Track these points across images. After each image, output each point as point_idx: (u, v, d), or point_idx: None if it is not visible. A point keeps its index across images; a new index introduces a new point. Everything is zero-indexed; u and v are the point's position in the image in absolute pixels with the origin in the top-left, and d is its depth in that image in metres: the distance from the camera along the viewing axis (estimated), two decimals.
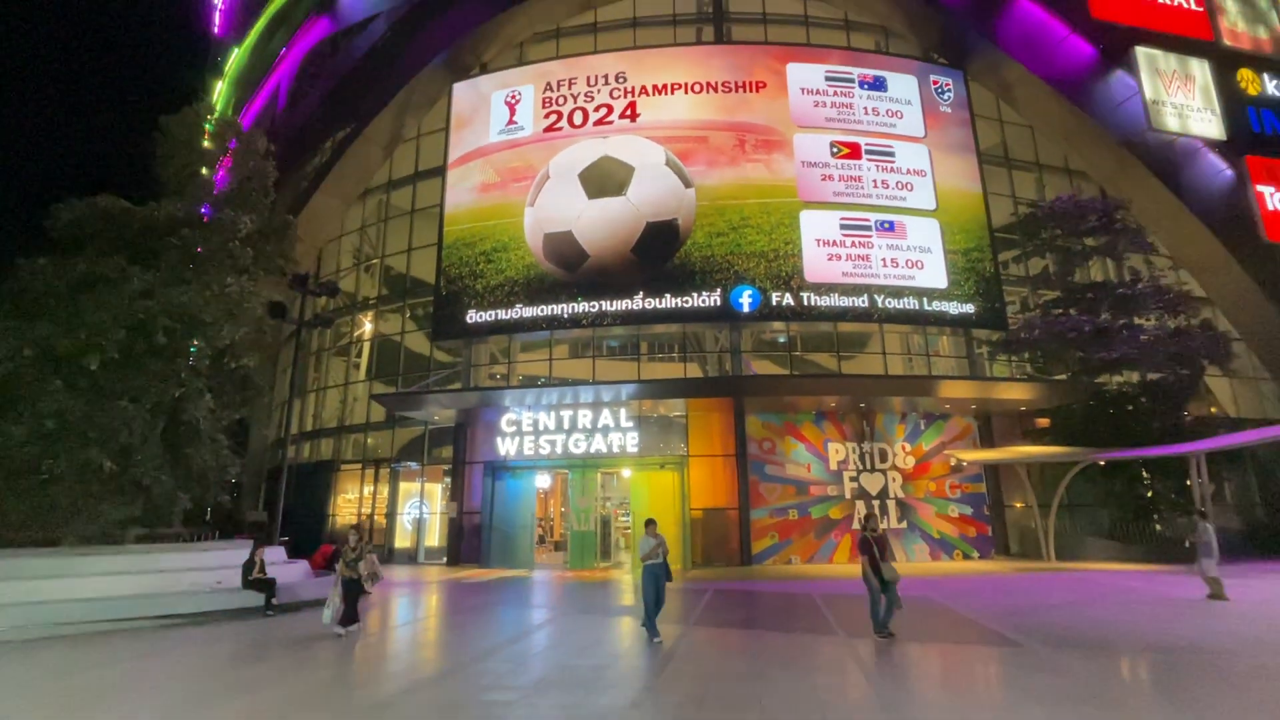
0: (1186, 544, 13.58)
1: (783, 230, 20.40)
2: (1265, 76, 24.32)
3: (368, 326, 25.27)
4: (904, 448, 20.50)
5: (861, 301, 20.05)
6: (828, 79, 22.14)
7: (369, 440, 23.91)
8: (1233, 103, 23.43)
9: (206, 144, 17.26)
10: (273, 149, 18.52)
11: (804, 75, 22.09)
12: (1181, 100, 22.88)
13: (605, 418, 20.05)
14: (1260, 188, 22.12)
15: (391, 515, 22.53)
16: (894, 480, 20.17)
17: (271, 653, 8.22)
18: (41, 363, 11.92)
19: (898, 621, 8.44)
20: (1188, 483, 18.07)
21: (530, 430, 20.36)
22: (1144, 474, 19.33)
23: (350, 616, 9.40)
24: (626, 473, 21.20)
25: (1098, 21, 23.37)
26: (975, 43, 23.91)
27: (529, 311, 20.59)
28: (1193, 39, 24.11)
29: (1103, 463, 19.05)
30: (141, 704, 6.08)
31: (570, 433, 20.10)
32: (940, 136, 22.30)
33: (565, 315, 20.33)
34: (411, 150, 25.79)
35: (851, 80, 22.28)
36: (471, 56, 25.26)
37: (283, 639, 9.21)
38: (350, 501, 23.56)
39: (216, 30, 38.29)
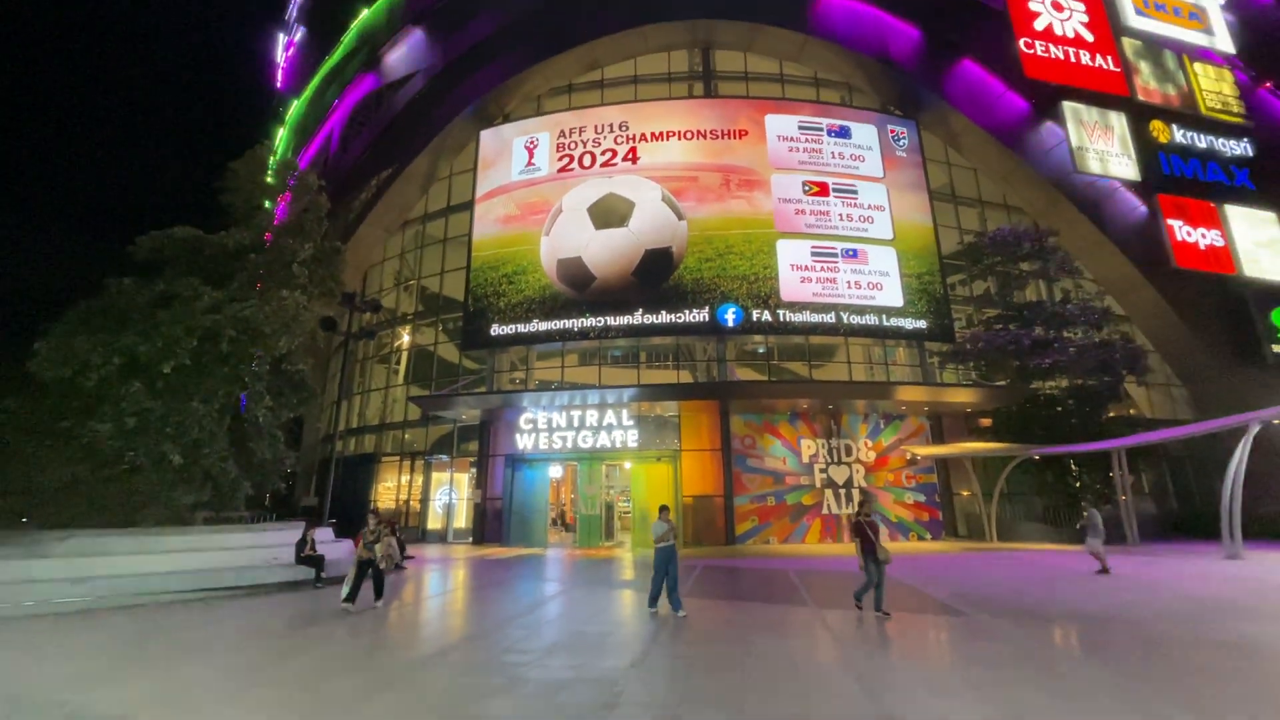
0: (1078, 526, 13.55)
1: (762, 257, 20.47)
2: (1174, 127, 24.46)
3: (405, 338, 25.27)
4: (866, 444, 20.48)
5: (829, 318, 20.08)
6: (800, 128, 22.28)
7: (406, 436, 23.86)
8: (1147, 149, 23.56)
9: (269, 181, 17.35)
10: (325, 186, 18.62)
11: (780, 124, 22.23)
12: (1102, 146, 23.02)
13: (609, 417, 20.06)
14: (1170, 221, 22.21)
15: (425, 501, 22.46)
16: (858, 472, 20.14)
17: (321, 620, 8.18)
18: (125, 368, 11.92)
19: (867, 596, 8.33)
20: (1110, 474, 18.08)
21: (544, 428, 20.36)
22: (1073, 467, 19.33)
23: (358, 594, 8.61)
24: (627, 465, 21.17)
25: (1030, 79, 23.54)
26: (926, 97, 24.07)
27: (544, 325, 20.61)
28: (1112, 94, 24.27)
29: (1037, 457, 19.06)
30: (212, 663, 6.06)
31: (579, 430, 20.10)
32: (897, 177, 22.41)
33: (575, 329, 20.35)
34: (444, 187, 25.90)
35: (821, 129, 22.42)
36: (496, 108, 25.44)
37: (331, 609, 9.17)
38: (389, 489, 23.48)
39: (279, 85, 38.51)
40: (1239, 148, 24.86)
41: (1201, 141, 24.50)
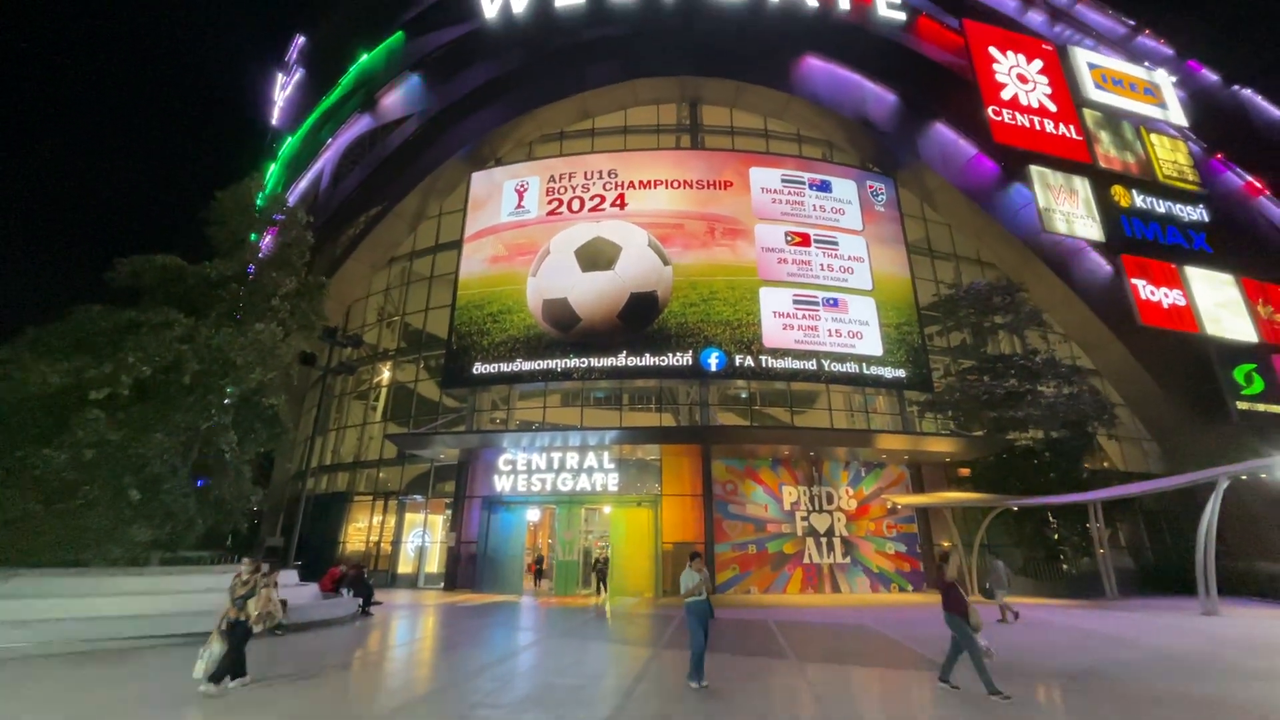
0: (987, 585, 13.68)
1: (745, 303, 20.87)
2: (1134, 192, 25.89)
3: (386, 374, 25.02)
4: (847, 492, 20.47)
5: (811, 365, 20.38)
6: (783, 181, 23.16)
7: (380, 474, 23.29)
8: (1109, 211, 24.82)
9: (257, 214, 17.43)
10: (312, 221, 18.75)
11: (764, 177, 23.09)
12: (1068, 208, 24.22)
13: (590, 459, 19.88)
14: (1134, 280, 23.21)
15: (397, 543, 21.73)
16: (839, 520, 20.04)
17: (279, 670, 7.78)
18: (78, 393, 11.51)
19: (852, 647, 8.02)
20: (1087, 527, 18.23)
21: (524, 469, 20.08)
22: (1051, 519, 19.47)
23: (231, 668, 6.52)
24: (607, 509, 20.82)
25: (999, 144, 24.90)
26: (902, 156, 25.28)
27: (527, 365, 20.58)
28: (1075, 160, 25.72)
29: (1015, 508, 19.17)
30: None
31: (559, 472, 19.85)
32: (875, 230, 23.24)
33: (559, 369, 20.35)
34: (433, 226, 26.21)
35: (803, 182, 23.32)
36: (488, 151, 26.10)
37: (290, 657, 8.74)
38: (360, 530, 22.70)
39: (274, 121, 39.15)
40: (1195, 213, 26.33)
41: (1160, 207, 25.92)
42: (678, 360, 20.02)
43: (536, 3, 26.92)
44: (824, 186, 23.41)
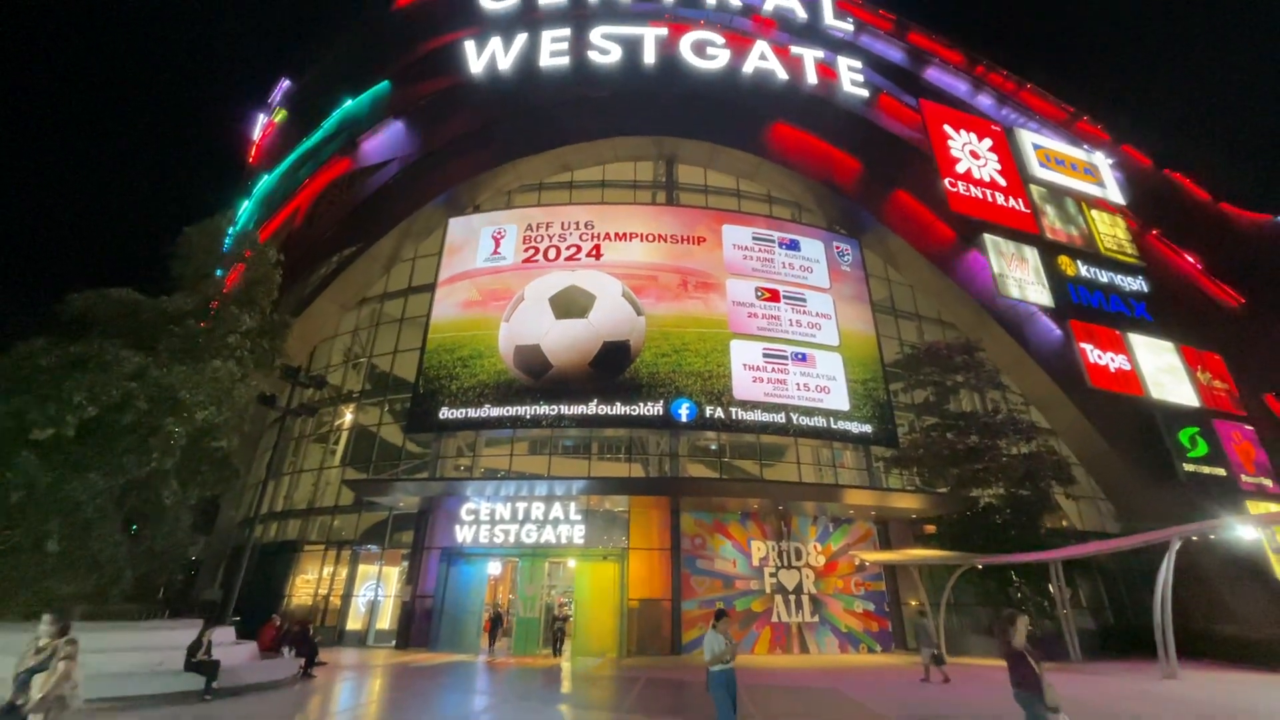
0: (915, 643, 13.69)
1: (716, 355, 21.13)
2: (1079, 262, 27.59)
3: (348, 417, 24.23)
4: (815, 547, 20.32)
5: (780, 418, 20.56)
6: (754, 238, 23.98)
7: (335, 522, 22.18)
8: (1057, 279, 26.29)
9: (224, 250, 17.16)
10: (283, 259, 18.50)
11: (736, 234, 23.88)
12: (1020, 275, 25.60)
13: (556, 510, 19.39)
14: (1082, 345, 24.39)
15: (347, 597, 20.49)
16: (808, 577, 19.78)
17: None
18: (16, 434, 10.82)
19: (829, 715, 7.49)
20: (1049, 586, 18.37)
21: (487, 519, 19.42)
22: (1014, 577, 19.57)
23: None
24: (572, 563, 20.16)
25: (955, 213, 26.43)
26: (866, 220, 26.55)
27: (496, 411, 20.25)
28: (1024, 231, 27.41)
29: (980, 566, 19.25)
30: None
31: (523, 523, 19.25)
32: (842, 288, 24.07)
33: (528, 416, 20.07)
34: (407, 269, 26.12)
35: (773, 241, 24.17)
36: (467, 198, 26.47)
37: None
38: (309, 582, 21.37)
39: (251, 159, 39.16)
40: (1136, 284, 28.09)
41: (1103, 276, 27.60)
42: (649, 410, 19.97)
43: (521, 61, 28.04)
44: (793, 245, 24.30)
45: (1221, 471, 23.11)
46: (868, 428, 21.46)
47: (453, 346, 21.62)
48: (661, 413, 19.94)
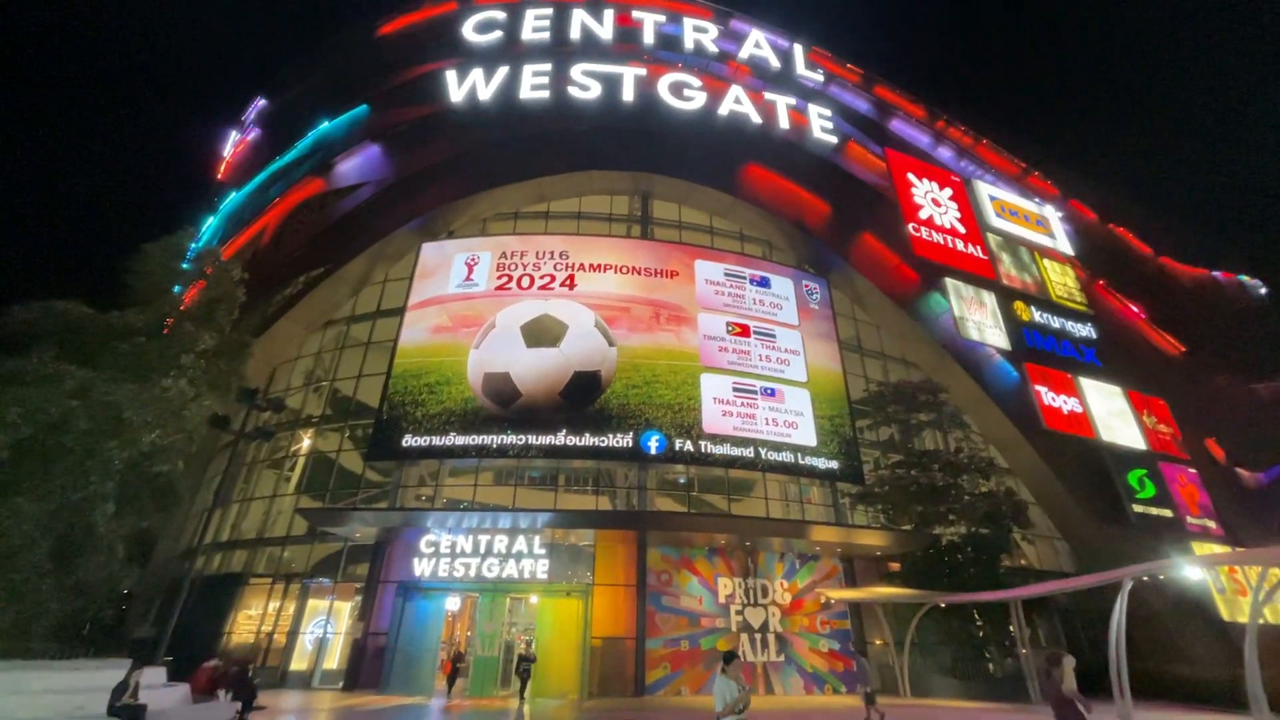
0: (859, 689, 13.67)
1: (686, 388, 21.19)
2: (1033, 308, 28.87)
3: (306, 442, 23.33)
4: (782, 584, 20.17)
5: (749, 452, 20.61)
6: (726, 274, 24.40)
7: (285, 554, 21.08)
8: (1013, 323, 27.43)
9: (184, 266, 16.63)
10: (247, 277, 18.02)
11: (708, 270, 24.27)
12: (979, 318, 26.61)
13: (520, 544, 18.86)
14: (1037, 387, 25.32)
15: (294, 634, 19.31)
16: (773, 615, 19.57)
17: None
18: None
19: None
20: (1010, 626, 18.54)
21: (447, 552, 18.75)
22: (976, 616, 19.71)
23: None
24: (534, 599, 19.54)
25: (918, 257, 27.48)
26: (834, 261, 27.35)
27: (461, 439, 19.78)
28: (983, 276, 28.63)
29: (943, 605, 19.35)
30: None
31: (485, 556, 18.65)
32: (810, 326, 24.57)
33: (495, 445, 19.65)
34: (376, 292, 25.68)
35: (744, 277, 24.64)
36: (442, 224, 26.36)
37: None
38: (252, 618, 20.11)
39: (219, 176, 38.37)
40: (1085, 330, 29.47)
41: (1055, 322, 28.90)
42: (618, 441, 19.80)
43: (502, 92, 28.44)
44: (764, 282, 24.80)
45: (1168, 513, 23.98)
46: (834, 464, 21.66)
47: (419, 372, 21.18)
48: (631, 444, 19.78)
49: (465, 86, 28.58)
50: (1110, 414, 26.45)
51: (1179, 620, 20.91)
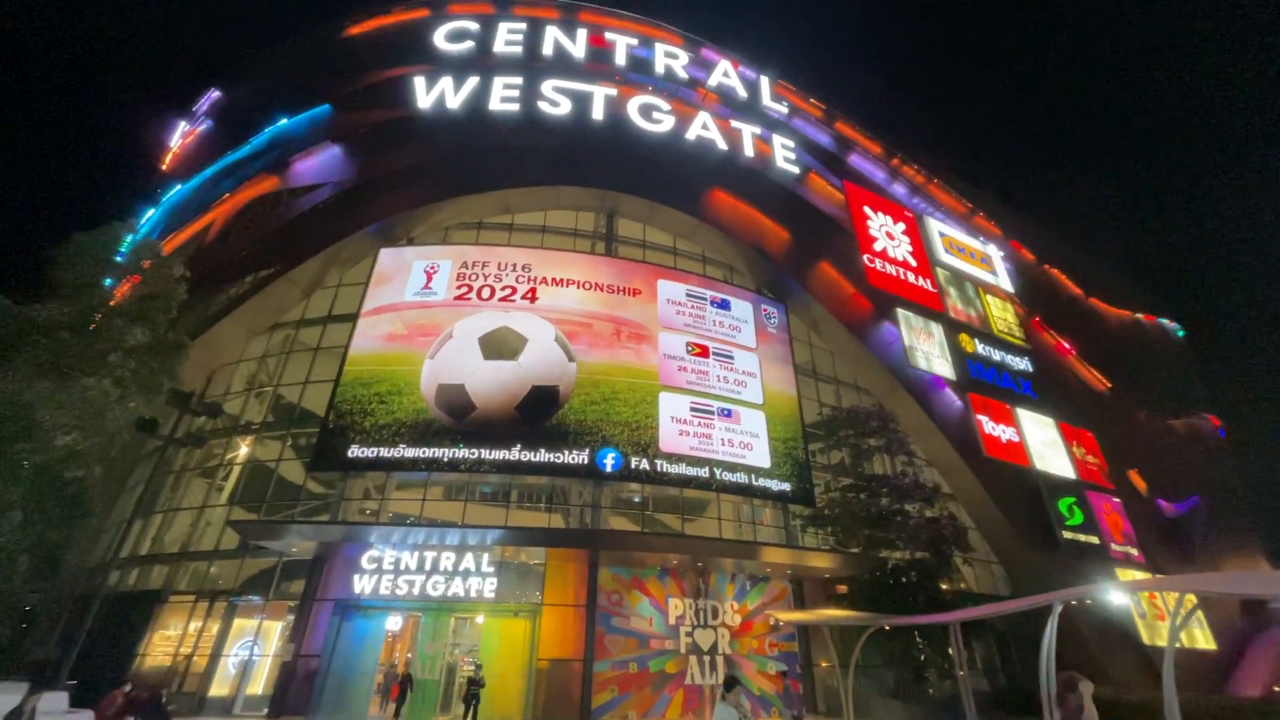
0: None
1: (645, 406, 21.17)
2: (977, 340, 30.30)
3: (244, 450, 22.08)
4: (732, 606, 20.17)
5: (704, 472, 20.68)
6: (687, 295, 24.67)
7: (211, 569, 19.73)
8: (958, 355, 28.71)
9: (118, 259, 15.66)
10: (188, 275, 17.10)
11: (670, 290, 24.49)
12: (927, 348, 27.72)
13: (468, 561, 18.25)
14: (979, 416, 26.48)
15: (216, 656, 17.98)
16: (723, 637, 19.51)
17: None
18: None
19: None
20: (949, 650, 19.01)
21: (390, 569, 17.95)
22: (917, 638, 20.15)
23: None
24: (480, 619, 18.91)
25: (872, 286, 28.52)
26: (792, 287, 28.05)
27: (411, 452, 19.11)
28: (931, 309, 29.91)
29: (888, 627, 19.70)
30: None
31: (431, 574, 17.94)
32: (768, 349, 25.03)
33: (446, 459, 19.07)
34: (329, 296, 24.75)
35: (705, 299, 24.96)
36: (402, 230, 25.75)
37: None
38: (170, 639, 18.60)
39: (164, 166, 36.50)
40: (1023, 364, 31.09)
41: (996, 355, 30.40)
42: (574, 458, 19.54)
43: (471, 103, 28.22)
44: (724, 305, 25.18)
45: (1095, 540, 25.29)
46: (787, 486, 21.96)
47: (370, 380, 20.45)
48: (587, 461, 19.55)
49: (434, 94, 28.24)
50: (1044, 444, 27.86)
51: (1104, 643, 21.93)
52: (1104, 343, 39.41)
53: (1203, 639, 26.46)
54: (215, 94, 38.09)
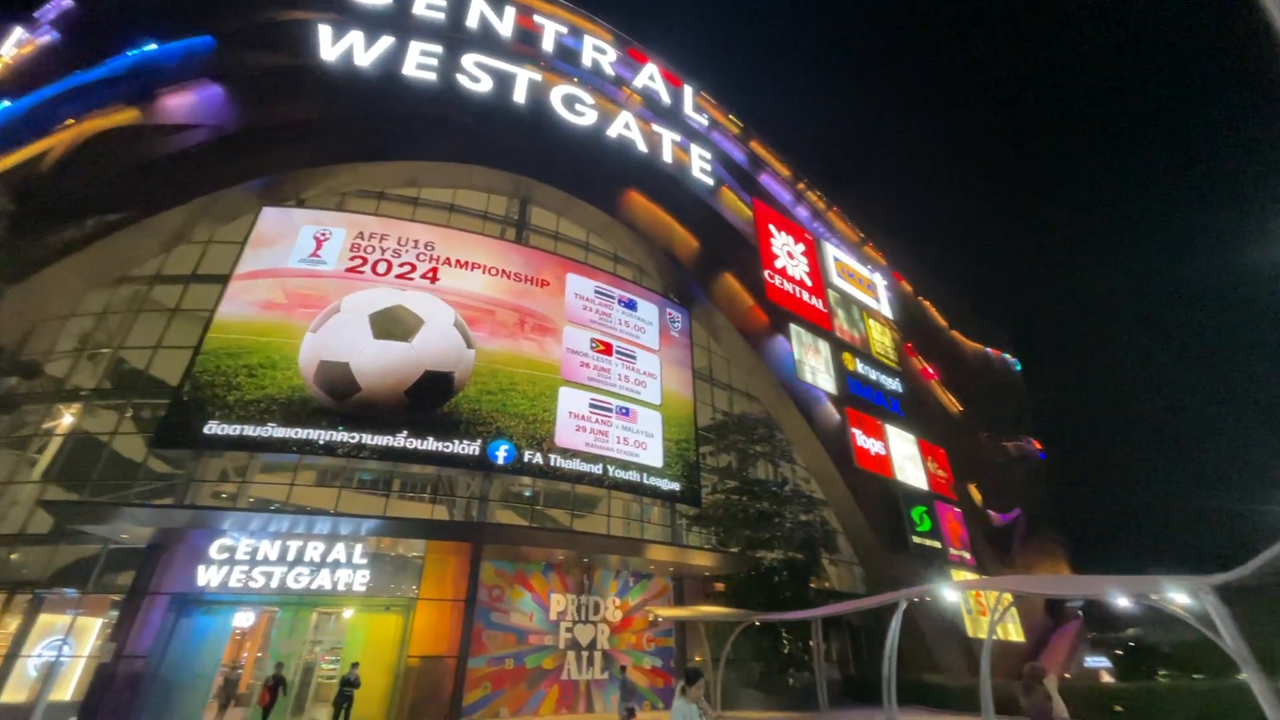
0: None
1: (543, 399, 20.83)
2: (858, 360, 32.94)
3: (68, 419, 18.97)
4: (614, 602, 20.39)
5: (597, 469, 20.71)
6: (596, 292, 24.59)
7: (12, 557, 16.75)
8: (841, 371, 31.05)
9: None
10: (11, 208, 14.41)
11: (580, 285, 24.28)
12: (814, 363, 29.70)
13: (338, 552, 16.96)
14: (854, 429, 28.80)
15: (11, 658, 15.27)
16: (603, 632, 19.67)
17: None
18: None
19: None
20: (811, 642, 20.51)
21: (245, 559, 16.24)
22: (784, 634, 21.56)
23: None
24: (347, 613, 17.65)
25: (770, 300, 30.08)
26: (697, 294, 28.89)
27: (282, 432, 17.37)
28: (821, 327, 32.10)
29: (758, 623, 20.88)
30: None
31: (294, 565, 16.46)
32: (669, 352, 25.57)
33: (321, 442, 17.54)
34: (195, 251, 21.92)
35: (613, 297, 25.02)
36: (290, 189, 23.39)
37: None
38: None
39: None
40: (894, 384, 34.23)
41: (873, 374, 33.21)
42: (464, 448, 18.78)
43: (382, 64, 26.22)
44: (631, 305, 25.39)
45: (938, 544, 28.40)
46: (677, 486, 22.55)
47: (239, 351, 18.36)
48: (478, 453, 18.87)
49: (341, 46, 25.91)
50: (905, 458, 30.87)
51: (936, 636, 24.69)
52: (960, 370, 44.48)
53: (1015, 632, 30.67)
54: (66, 2, 32.38)
